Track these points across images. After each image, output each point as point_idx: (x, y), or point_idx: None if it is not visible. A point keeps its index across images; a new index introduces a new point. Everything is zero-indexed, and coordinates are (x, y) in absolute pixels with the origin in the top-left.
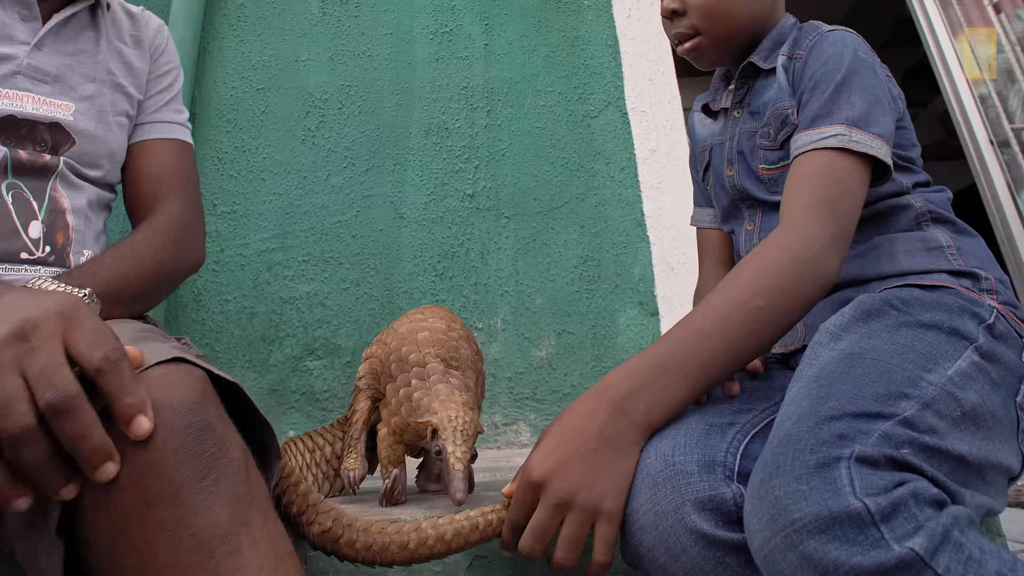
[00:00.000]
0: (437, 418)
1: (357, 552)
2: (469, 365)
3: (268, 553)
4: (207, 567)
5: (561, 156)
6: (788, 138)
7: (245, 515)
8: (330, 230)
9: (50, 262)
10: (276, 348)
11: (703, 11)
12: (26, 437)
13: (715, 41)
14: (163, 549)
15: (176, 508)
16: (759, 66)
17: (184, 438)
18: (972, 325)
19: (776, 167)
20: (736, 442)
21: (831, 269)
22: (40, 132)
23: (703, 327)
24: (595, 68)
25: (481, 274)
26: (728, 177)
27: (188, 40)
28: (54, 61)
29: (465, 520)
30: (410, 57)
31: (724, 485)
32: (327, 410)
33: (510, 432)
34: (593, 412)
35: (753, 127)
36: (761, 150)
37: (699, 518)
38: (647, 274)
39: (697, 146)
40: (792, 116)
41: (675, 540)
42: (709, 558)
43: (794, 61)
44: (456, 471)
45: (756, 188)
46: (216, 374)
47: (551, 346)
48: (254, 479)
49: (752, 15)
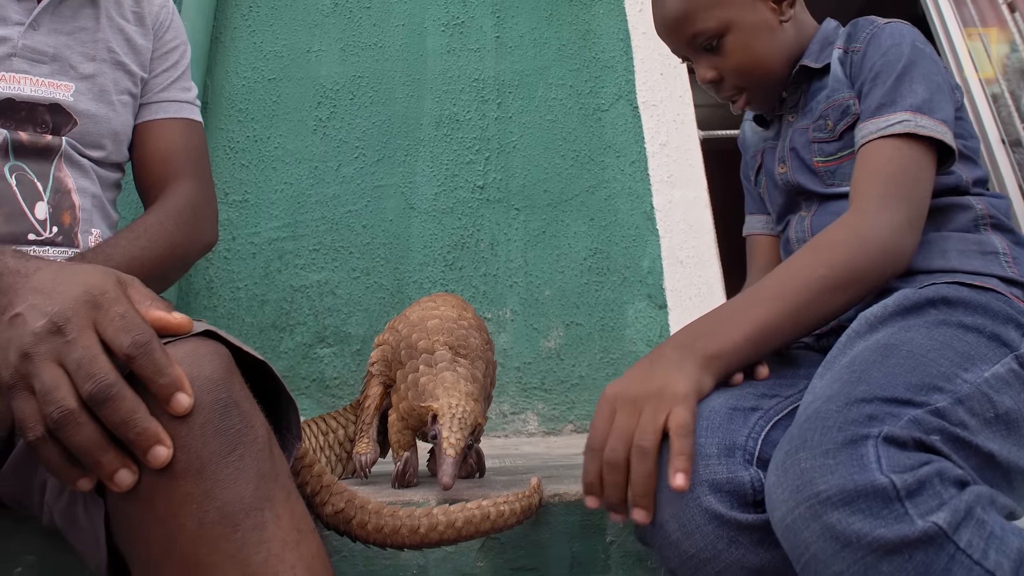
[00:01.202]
0: (438, 404)
1: (368, 534)
2: (478, 355)
3: (291, 528)
4: (232, 539)
5: (571, 149)
6: (848, 128)
7: (269, 491)
8: (341, 220)
9: (58, 242)
10: (287, 336)
11: (736, 71)
12: (69, 421)
13: (761, 90)
14: (190, 521)
15: (202, 481)
16: (811, 67)
17: (211, 413)
18: (1015, 334)
19: (833, 158)
20: (758, 428)
21: (904, 252)
22: (40, 114)
23: (764, 290)
24: (606, 62)
25: (491, 265)
26: (780, 175)
27: (201, 30)
28: (51, 40)
29: (477, 508)
30: (422, 49)
31: (743, 469)
32: (337, 397)
33: (518, 421)
34: (656, 349)
35: (806, 124)
36: (816, 144)
37: (715, 499)
38: (656, 267)
39: (748, 152)
40: (853, 106)
41: (689, 518)
42: (722, 536)
43: (851, 54)
44: (447, 456)
45: (811, 182)
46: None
47: (559, 337)
48: (277, 456)
49: (782, 49)
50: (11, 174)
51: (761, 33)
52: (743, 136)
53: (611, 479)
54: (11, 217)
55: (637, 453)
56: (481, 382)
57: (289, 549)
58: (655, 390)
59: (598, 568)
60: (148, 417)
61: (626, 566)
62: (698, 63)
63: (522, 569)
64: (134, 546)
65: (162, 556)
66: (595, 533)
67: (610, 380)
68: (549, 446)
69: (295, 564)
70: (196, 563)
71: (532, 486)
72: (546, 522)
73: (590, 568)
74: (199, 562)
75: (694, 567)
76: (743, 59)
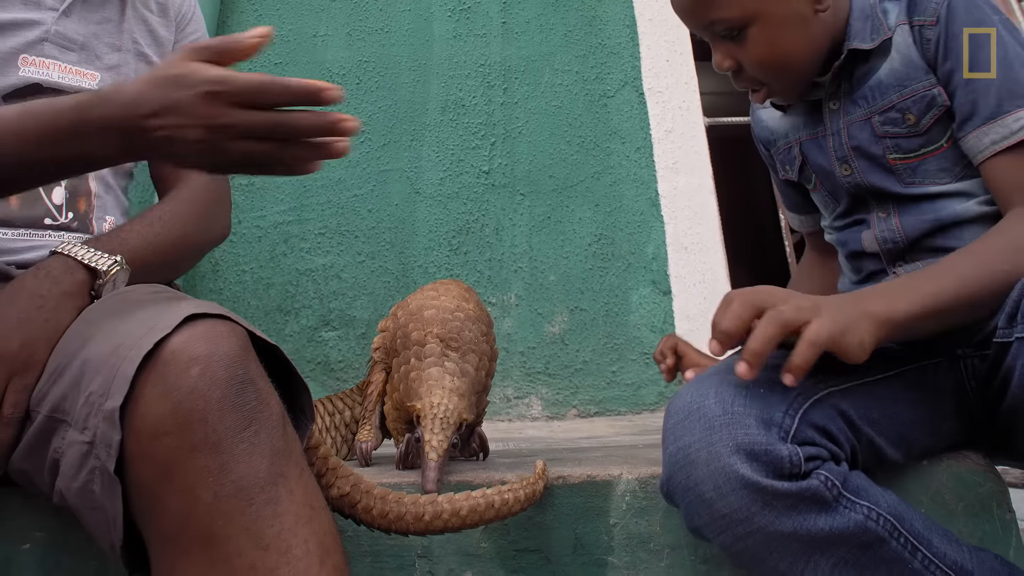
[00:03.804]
0: (421, 403)
1: (373, 519)
2: (471, 347)
3: (303, 505)
4: (247, 512)
5: (577, 135)
6: (935, 122)
7: (283, 467)
8: (346, 203)
9: (73, 228)
10: (292, 319)
11: (758, 66)
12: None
13: (786, 86)
14: (206, 492)
15: (219, 455)
16: (865, 49)
17: (227, 388)
18: None
19: (915, 155)
20: (797, 404)
21: None
22: None
23: (940, 269)
24: (612, 48)
25: (496, 250)
26: (845, 177)
27: (208, 14)
28: (81, 29)
29: (481, 498)
30: (428, 34)
31: (780, 443)
32: (342, 380)
33: (522, 405)
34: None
35: (864, 115)
36: (889, 139)
37: (751, 468)
38: (660, 253)
39: (776, 143)
40: (940, 96)
41: (724, 480)
42: (756, 500)
43: (921, 30)
44: (429, 461)
45: (888, 182)
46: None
47: (564, 322)
48: (290, 435)
49: (815, 42)
50: None
51: (792, 26)
52: (762, 124)
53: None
54: (28, 201)
55: (770, 316)
56: (472, 376)
57: (302, 524)
58: (808, 302)
59: (601, 550)
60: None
61: (629, 548)
62: (715, 49)
63: (525, 551)
64: (152, 520)
65: (178, 529)
66: (598, 515)
67: (614, 366)
68: (552, 430)
69: (308, 538)
70: (211, 535)
71: (537, 472)
72: (550, 504)
73: (593, 550)
74: (214, 534)
75: (724, 526)
76: (767, 54)
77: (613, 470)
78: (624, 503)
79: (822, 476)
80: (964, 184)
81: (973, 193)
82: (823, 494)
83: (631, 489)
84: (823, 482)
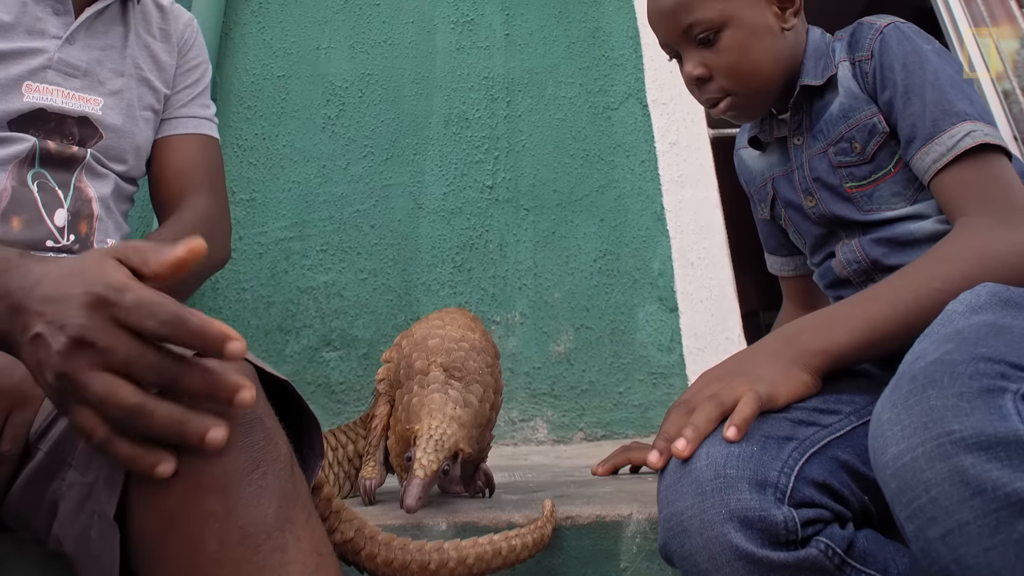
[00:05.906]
0: (419, 425)
1: (377, 567)
2: (475, 378)
3: (311, 552)
4: (253, 561)
5: (581, 148)
6: (879, 148)
7: (291, 512)
8: (348, 219)
9: (75, 250)
10: (292, 338)
11: (728, 71)
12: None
13: (749, 98)
14: (212, 540)
15: (226, 499)
16: (813, 85)
17: (235, 428)
18: None
19: (867, 182)
20: (792, 461)
21: None
22: (68, 126)
23: (876, 295)
24: (616, 60)
25: (499, 266)
26: (811, 208)
27: (210, 27)
28: (84, 55)
29: (488, 544)
30: (431, 46)
31: (775, 507)
32: (343, 402)
33: (527, 428)
34: (761, 340)
35: (822, 148)
36: (843, 168)
37: (744, 536)
38: (667, 269)
39: (754, 181)
40: (880, 124)
41: (719, 551)
42: (753, 572)
43: (860, 65)
44: (414, 477)
45: (847, 210)
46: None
47: (569, 341)
48: (298, 476)
49: (778, 56)
50: (33, 181)
51: (761, 35)
52: (742, 165)
53: (675, 416)
54: (31, 223)
55: (709, 399)
56: (476, 407)
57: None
58: (744, 371)
59: None
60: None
61: None
62: (687, 57)
63: None
64: (153, 569)
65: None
66: (608, 559)
67: (620, 387)
68: (559, 456)
69: None
70: None
71: (545, 514)
72: (558, 547)
73: None
74: None
75: None
76: (738, 59)
77: (623, 509)
78: (635, 545)
79: (822, 544)
80: (919, 207)
81: (928, 215)
82: (823, 564)
83: (642, 530)
84: (823, 551)
